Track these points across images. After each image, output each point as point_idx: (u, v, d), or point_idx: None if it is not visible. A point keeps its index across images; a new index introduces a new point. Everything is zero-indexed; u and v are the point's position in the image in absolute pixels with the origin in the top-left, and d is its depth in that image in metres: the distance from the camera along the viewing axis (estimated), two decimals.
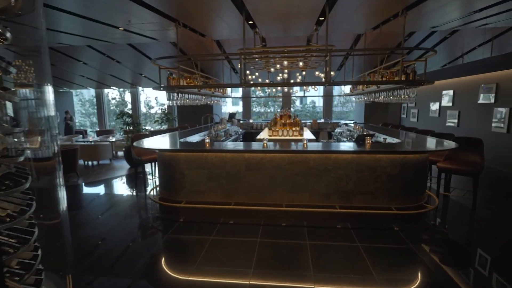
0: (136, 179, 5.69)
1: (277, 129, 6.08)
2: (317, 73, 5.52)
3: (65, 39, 6.63)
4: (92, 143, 8.35)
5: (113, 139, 8.87)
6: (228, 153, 4.07)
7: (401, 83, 4.13)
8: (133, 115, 7.81)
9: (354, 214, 3.92)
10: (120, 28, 5.27)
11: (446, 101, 7.06)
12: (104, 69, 10.34)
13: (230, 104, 24.11)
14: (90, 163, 8.41)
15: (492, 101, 5.63)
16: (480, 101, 5.98)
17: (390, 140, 4.82)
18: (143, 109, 19.10)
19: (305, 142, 4.25)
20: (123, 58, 8.93)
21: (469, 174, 4.18)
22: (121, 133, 9.07)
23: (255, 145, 4.42)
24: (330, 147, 4.26)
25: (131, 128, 7.99)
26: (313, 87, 7.49)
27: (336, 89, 17.21)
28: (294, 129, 6.06)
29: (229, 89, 9.79)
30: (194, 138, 5.87)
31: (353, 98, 18.20)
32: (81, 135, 10.26)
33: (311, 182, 4.01)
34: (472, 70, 6.16)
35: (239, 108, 17.45)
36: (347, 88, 14.22)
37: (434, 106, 7.63)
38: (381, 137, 5.22)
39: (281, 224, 3.91)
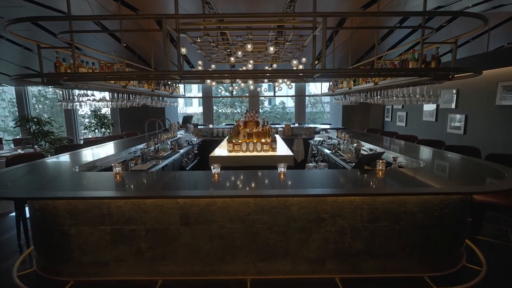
0: (19, 233, 3.59)
1: (239, 141, 4.37)
2: (294, 62, 3.97)
3: None
4: None
5: (23, 152, 6.55)
6: (146, 199, 2.27)
7: (427, 73, 2.62)
8: (41, 121, 5.63)
9: None
10: None
11: (446, 102, 5.84)
12: (16, 60, 7.87)
13: (196, 105, 21.85)
14: None
15: None
16: (499, 102, 4.76)
17: (402, 159, 3.34)
18: (87, 111, 16.30)
19: (282, 170, 2.59)
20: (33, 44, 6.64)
21: None
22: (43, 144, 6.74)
23: (199, 177, 2.68)
24: (318, 178, 2.66)
25: (46, 139, 5.80)
26: (287, 83, 5.90)
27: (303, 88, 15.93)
28: (263, 141, 4.39)
29: (182, 87, 7.90)
30: (120, 156, 3.97)
31: (325, 98, 17.03)
32: None
33: (294, 240, 2.37)
34: (489, 63, 4.94)
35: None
36: (317, 88, 12.95)
37: (429, 108, 6.41)
38: (387, 154, 3.73)
39: None
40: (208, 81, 5.65)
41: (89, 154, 3.83)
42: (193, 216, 2.34)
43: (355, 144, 4.76)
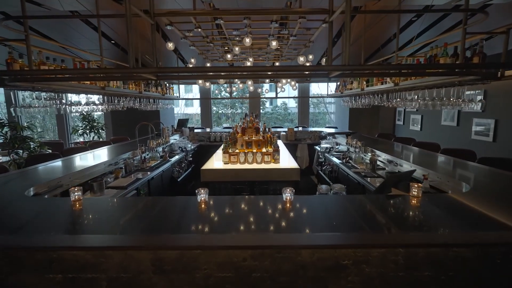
0: None
1: (236, 151, 3.79)
2: (301, 59, 3.40)
3: None
4: None
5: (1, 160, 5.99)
6: (106, 251, 1.70)
7: (475, 70, 2.03)
8: (19, 126, 5.07)
9: None
10: None
11: (471, 105, 5.22)
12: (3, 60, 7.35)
13: (197, 105, 21.12)
14: None
15: None
16: None
17: (433, 176, 2.75)
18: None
19: (288, 197, 2.00)
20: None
21: None
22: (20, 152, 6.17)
23: (181, 206, 2.09)
24: (335, 209, 2.07)
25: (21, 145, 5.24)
26: (292, 84, 5.31)
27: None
28: (265, 150, 3.81)
29: (176, 88, 7.34)
30: (96, 169, 3.40)
31: (328, 98, 16.43)
32: None
33: None
34: None
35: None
36: (320, 88, 12.32)
37: (450, 110, 5.78)
38: (411, 168, 3.13)
39: None
40: (200, 81, 5.07)
41: (59, 167, 3.26)
42: (169, 262, 1.75)
43: (369, 154, 4.17)
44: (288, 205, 2.00)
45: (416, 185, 2.03)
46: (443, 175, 2.71)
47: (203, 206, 1.99)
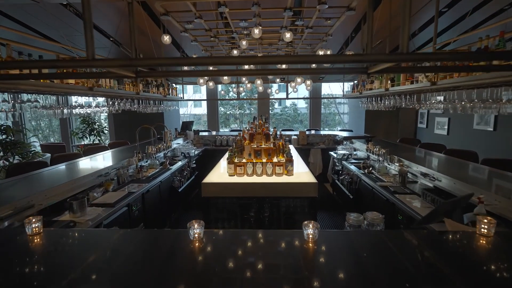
0: None
1: (243, 160, 3.28)
2: (321, 53, 2.89)
3: None
4: None
5: None
6: None
7: None
8: (10, 129, 4.70)
9: None
10: None
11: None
12: None
13: (205, 105, 20.68)
14: None
15: None
16: None
17: (489, 197, 2.18)
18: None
19: (310, 235, 1.49)
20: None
21: None
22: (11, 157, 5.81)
23: (169, 244, 1.58)
24: (374, 255, 1.53)
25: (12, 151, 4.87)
26: (306, 84, 4.78)
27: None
28: (276, 160, 3.29)
29: (180, 88, 6.89)
30: (83, 182, 2.95)
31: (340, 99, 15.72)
32: None
33: None
34: None
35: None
36: (330, 88, 11.72)
37: (483, 114, 5.16)
38: (456, 187, 2.57)
39: None
40: (201, 80, 4.59)
41: (38, 180, 2.83)
42: None
43: (396, 163, 3.61)
44: (310, 245, 1.48)
45: (486, 220, 1.48)
46: (503, 198, 2.14)
47: (196, 244, 1.49)
